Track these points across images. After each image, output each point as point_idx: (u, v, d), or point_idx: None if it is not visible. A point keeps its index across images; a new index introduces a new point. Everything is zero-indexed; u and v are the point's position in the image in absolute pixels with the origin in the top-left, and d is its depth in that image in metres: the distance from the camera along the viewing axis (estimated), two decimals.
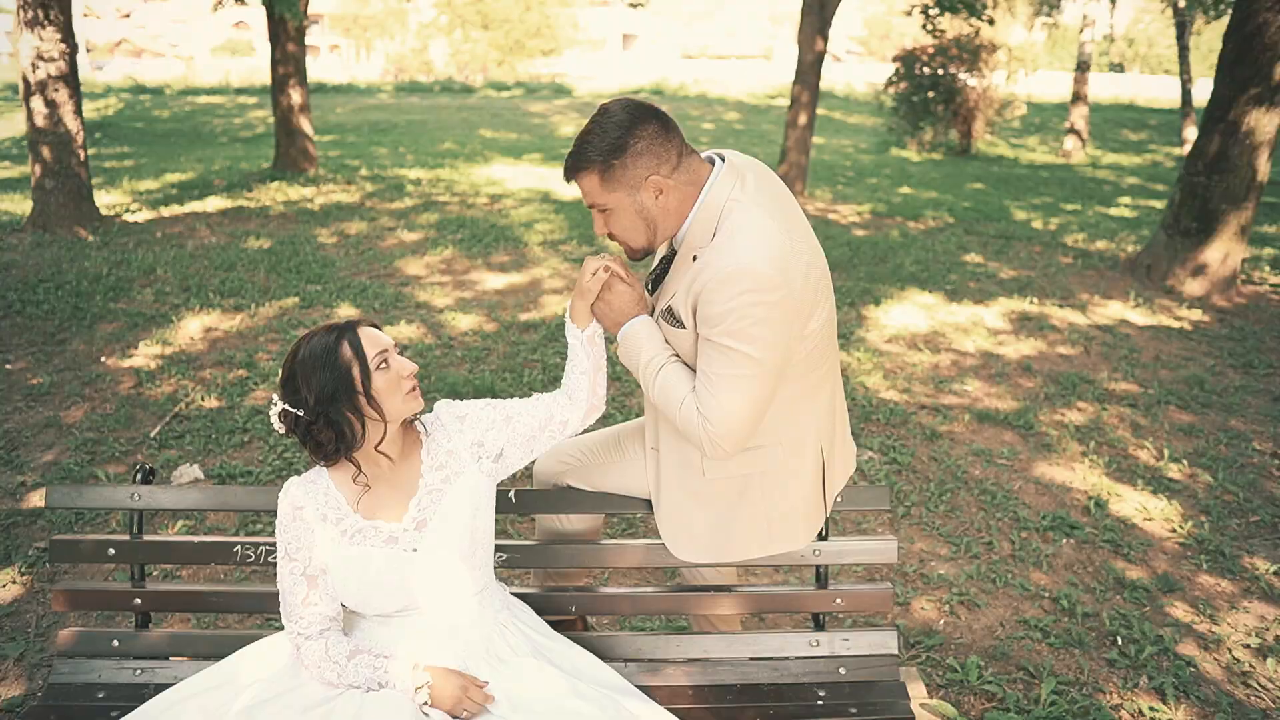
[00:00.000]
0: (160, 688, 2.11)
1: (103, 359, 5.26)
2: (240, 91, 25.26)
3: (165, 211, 9.20)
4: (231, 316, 6.04)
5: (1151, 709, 2.78)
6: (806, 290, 1.81)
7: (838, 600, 2.24)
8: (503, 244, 8.33)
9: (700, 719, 2.08)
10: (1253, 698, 2.87)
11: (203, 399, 4.73)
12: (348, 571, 1.82)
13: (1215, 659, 3.04)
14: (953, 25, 15.04)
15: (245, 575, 3.36)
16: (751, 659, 2.22)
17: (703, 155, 1.92)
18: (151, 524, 3.64)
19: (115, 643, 2.19)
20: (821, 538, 2.23)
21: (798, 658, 2.22)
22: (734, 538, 2.08)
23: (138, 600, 2.20)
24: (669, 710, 1.93)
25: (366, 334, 1.83)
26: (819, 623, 2.29)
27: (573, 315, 2.01)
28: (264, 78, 26.59)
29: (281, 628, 1.92)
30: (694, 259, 1.84)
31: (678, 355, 1.92)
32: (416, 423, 1.96)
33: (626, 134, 1.80)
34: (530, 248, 8.23)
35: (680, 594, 2.27)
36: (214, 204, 9.62)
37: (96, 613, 3.09)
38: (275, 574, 3.31)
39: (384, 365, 1.82)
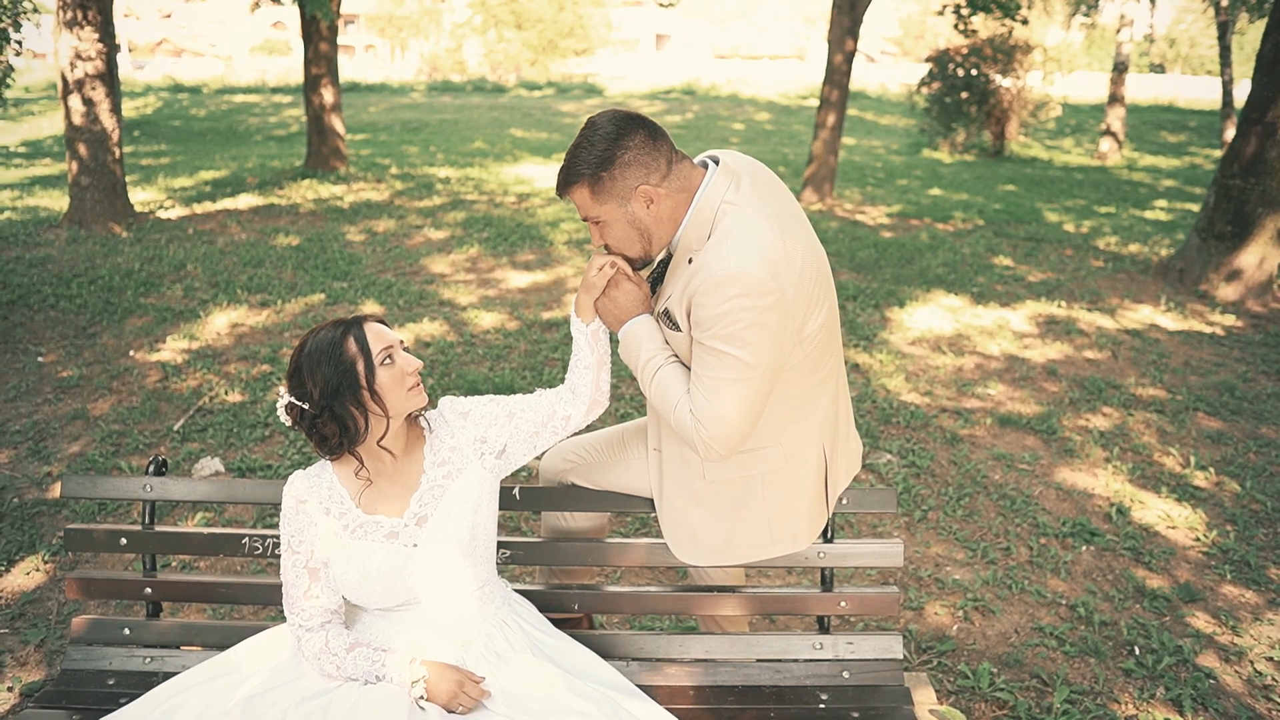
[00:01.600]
0: (169, 676, 2.14)
1: (131, 353, 5.36)
2: (276, 90, 25.60)
3: (198, 208, 9.35)
4: (258, 312, 6.12)
5: None
6: (801, 293, 1.80)
7: (842, 603, 2.22)
8: (528, 243, 8.37)
9: None
10: (1274, 712, 2.80)
11: (226, 393, 4.80)
12: (348, 565, 1.83)
13: (1236, 671, 2.98)
14: (986, 25, 14.87)
15: (262, 568, 3.40)
16: (754, 661, 2.21)
17: (696, 160, 1.92)
18: (171, 516, 3.70)
19: (126, 631, 2.23)
20: (827, 540, 2.22)
21: (801, 660, 2.20)
22: (735, 540, 2.07)
23: (148, 590, 2.23)
24: (669, 710, 1.92)
25: (372, 329, 1.85)
26: (824, 625, 2.27)
27: (578, 309, 2.01)
28: (299, 77, 26.95)
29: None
30: (689, 261, 1.84)
31: (676, 356, 1.92)
32: (420, 419, 1.98)
33: (613, 145, 1.80)
34: (555, 247, 8.25)
35: (684, 594, 2.27)
36: (246, 201, 9.76)
37: (115, 602, 3.15)
38: (279, 565, 3.36)
39: (388, 361, 1.83)
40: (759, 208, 1.80)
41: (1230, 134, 16.84)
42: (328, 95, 11.22)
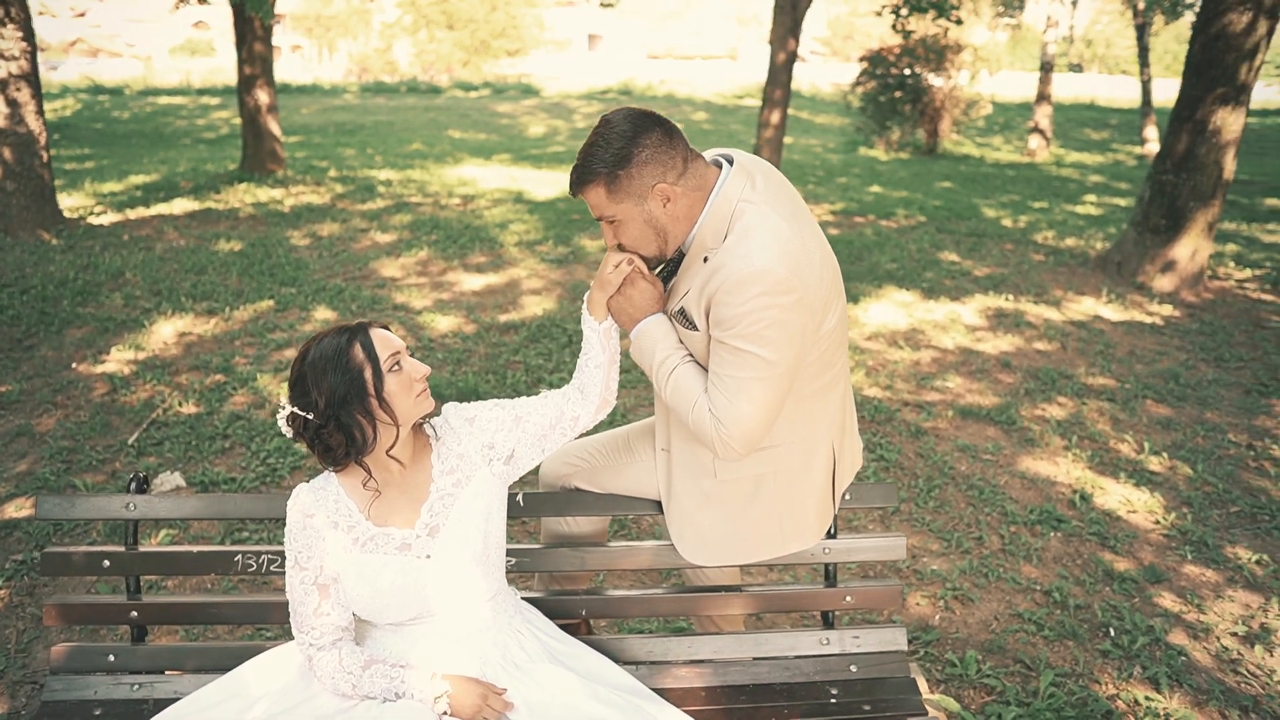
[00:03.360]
0: (159, 703, 2.06)
1: (74, 365, 5.13)
2: (202, 92, 24.83)
3: (131, 214, 9.00)
4: (205, 320, 5.92)
5: (1147, 698, 2.81)
6: (820, 291, 1.80)
7: (848, 598, 2.24)
8: (478, 245, 8.26)
9: None
10: (1242, 685, 2.92)
11: (180, 405, 4.63)
12: (360, 580, 1.78)
13: (1205, 647, 3.09)
14: (919, 25, 15.20)
15: (233, 584, 3.29)
16: (763, 659, 2.21)
17: (708, 158, 1.91)
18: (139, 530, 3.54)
19: (111, 657, 2.13)
20: (830, 535, 2.23)
21: (808, 656, 2.21)
22: (746, 538, 2.06)
23: (134, 613, 2.14)
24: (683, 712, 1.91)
25: (378, 335, 1.79)
26: (828, 621, 2.29)
27: (590, 307, 1.98)
28: (226, 78, 26.27)
29: (282, 637, 1.87)
30: (705, 260, 1.83)
31: (691, 355, 1.91)
32: (426, 426, 1.93)
33: (630, 144, 1.78)
34: (506, 248, 8.17)
35: (691, 595, 2.26)
36: (181, 206, 9.44)
37: (79, 627, 3.01)
38: (271, 583, 3.26)
39: (396, 367, 1.78)
40: (776, 206, 1.80)
41: (1150, 131, 17.55)
42: (263, 96, 10.91)
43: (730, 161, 1.87)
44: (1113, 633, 3.14)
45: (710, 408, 1.81)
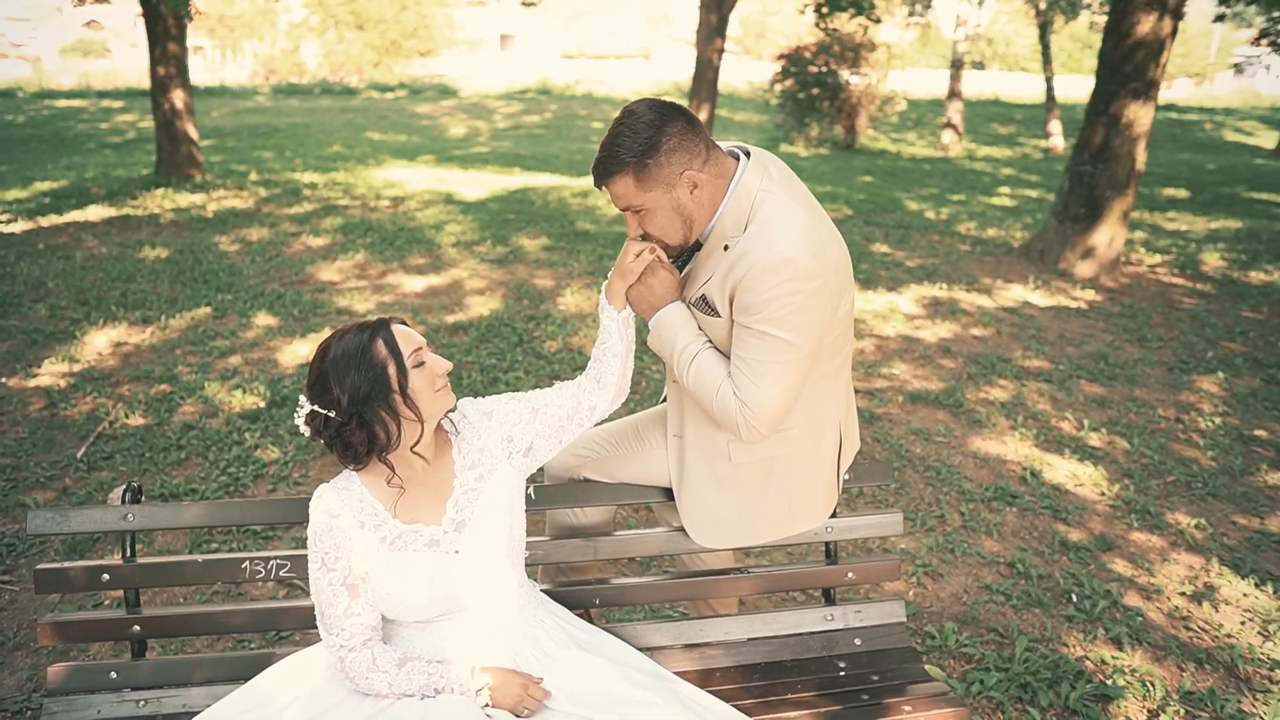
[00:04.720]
0: (169, 718, 2.00)
1: (3, 380, 4.89)
2: (104, 95, 23.77)
3: (43, 221, 8.59)
4: (140, 329, 5.70)
5: (1114, 657, 2.98)
6: (837, 278, 1.87)
7: (850, 574, 2.32)
8: (415, 246, 8.16)
9: (730, 699, 2.11)
10: (1195, 640, 3.12)
11: (127, 416, 4.46)
12: (389, 578, 1.77)
13: (1158, 607, 3.29)
14: (837, 23, 15.58)
15: (206, 596, 3.20)
16: (771, 637, 2.27)
17: (724, 149, 1.96)
18: (96, 549, 3.42)
19: (113, 674, 2.06)
20: (832, 515, 2.31)
21: (815, 633, 2.28)
22: (759, 520, 2.12)
23: (136, 628, 2.07)
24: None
25: (400, 331, 1.79)
26: (829, 598, 2.37)
27: (610, 296, 2.00)
28: (126, 79, 25.20)
29: (284, 642, 1.85)
30: (725, 248, 1.87)
31: (711, 342, 1.95)
32: (445, 421, 1.93)
33: (657, 132, 1.82)
34: (444, 249, 8.08)
35: (700, 579, 2.30)
36: (96, 212, 9.05)
37: (53, 647, 2.89)
38: (247, 592, 3.19)
39: (420, 363, 1.78)
40: (794, 196, 1.86)
41: (1054, 126, 18.34)
42: (178, 98, 10.52)
43: (747, 154, 1.93)
44: (1075, 599, 3.32)
45: (734, 391, 1.86)
